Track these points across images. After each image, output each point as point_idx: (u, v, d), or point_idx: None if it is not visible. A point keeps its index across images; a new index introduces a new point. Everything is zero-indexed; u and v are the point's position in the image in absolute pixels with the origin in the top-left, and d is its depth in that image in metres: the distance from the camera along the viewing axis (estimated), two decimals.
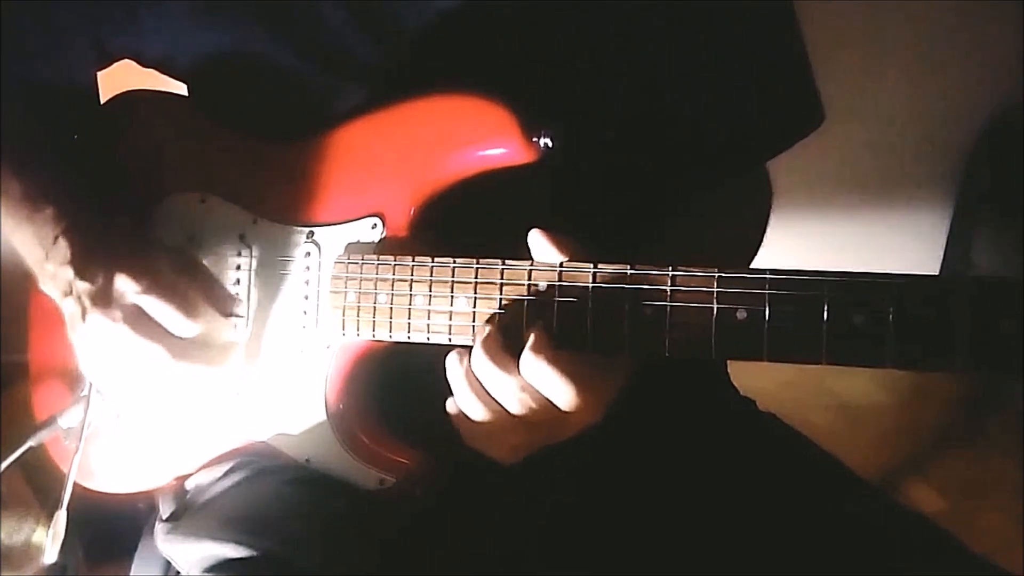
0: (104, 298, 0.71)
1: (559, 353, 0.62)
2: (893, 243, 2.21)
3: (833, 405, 2.00)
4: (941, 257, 2.21)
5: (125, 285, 0.71)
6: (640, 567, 0.75)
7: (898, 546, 0.71)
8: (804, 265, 0.58)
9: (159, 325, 0.71)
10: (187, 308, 0.72)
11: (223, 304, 0.76)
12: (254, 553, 0.70)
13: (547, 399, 0.63)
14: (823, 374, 2.07)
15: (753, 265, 0.64)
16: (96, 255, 0.73)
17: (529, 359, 0.62)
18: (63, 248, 0.73)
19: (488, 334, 0.64)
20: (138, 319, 0.71)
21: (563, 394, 0.63)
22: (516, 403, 0.64)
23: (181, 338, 0.72)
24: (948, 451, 1.90)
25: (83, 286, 0.72)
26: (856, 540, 0.72)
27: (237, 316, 0.77)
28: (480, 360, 0.64)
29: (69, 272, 0.73)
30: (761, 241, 0.87)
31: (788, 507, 0.75)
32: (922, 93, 2.06)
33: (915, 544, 0.72)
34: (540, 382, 0.63)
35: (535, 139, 0.67)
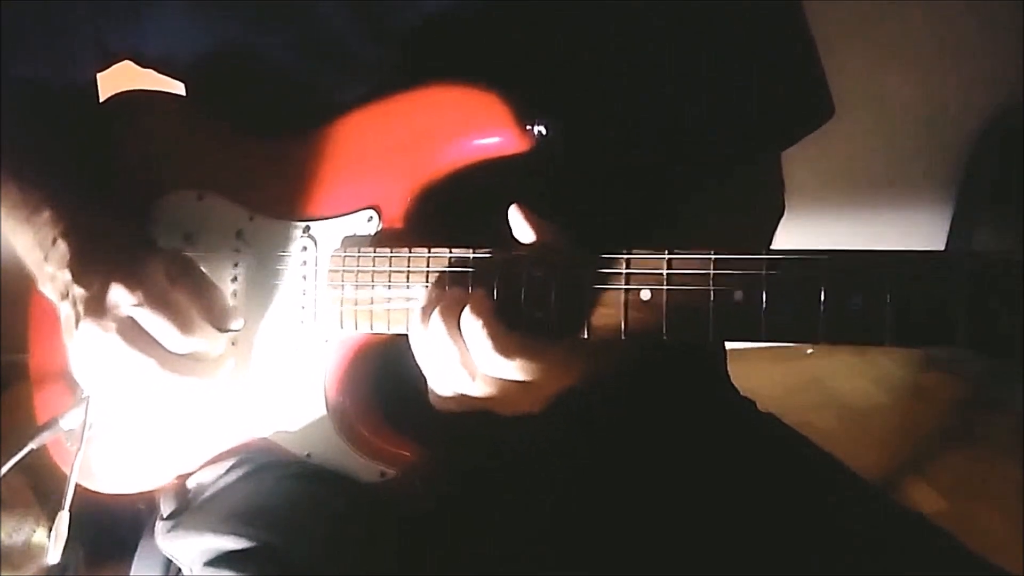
0: (97, 306, 0.70)
1: (502, 328, 0.62)
2: (893, 242, 2.21)
3: (833, 405, 2.00)
4: None
5: (119, 295, 0.70)
6: (640, 567, 0.75)
7: (898, 546, 0.71)
8: None
9: (151, 338, 0.70)
10: (181, 323, 0.70)
11: (219, 319, 0.74)
12: (255, 545, 0.70)
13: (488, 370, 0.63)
14: (823, 375, 2.07)
15: None
16: (94, 258, 0.73)
17: (467, 317, 0.62)
18: (62, 250, 0.73)
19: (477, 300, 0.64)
20: (130, 331, 0.69)
21: (495, 361, 0.62)
22: (454, 363, 0.64)
23: (173, 352, 0.71)
24: (948, 451, 1.91)
25: (79, 292, 0.71)
26: (856, 540, 0.72)
27: (233, 331, 0.75)
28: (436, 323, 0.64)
29: (67, 275, 0.72)
30: (773, 232, 0.86)
31: (788, 507, 0.75)
32: (923, 93, 2.06)
33: (915, 544, 0.72)
34: (475, 344, 0.62)
35: (529, 127, 0.67)
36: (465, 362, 0.63)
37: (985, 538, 0.75)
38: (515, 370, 0.63)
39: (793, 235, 0.90)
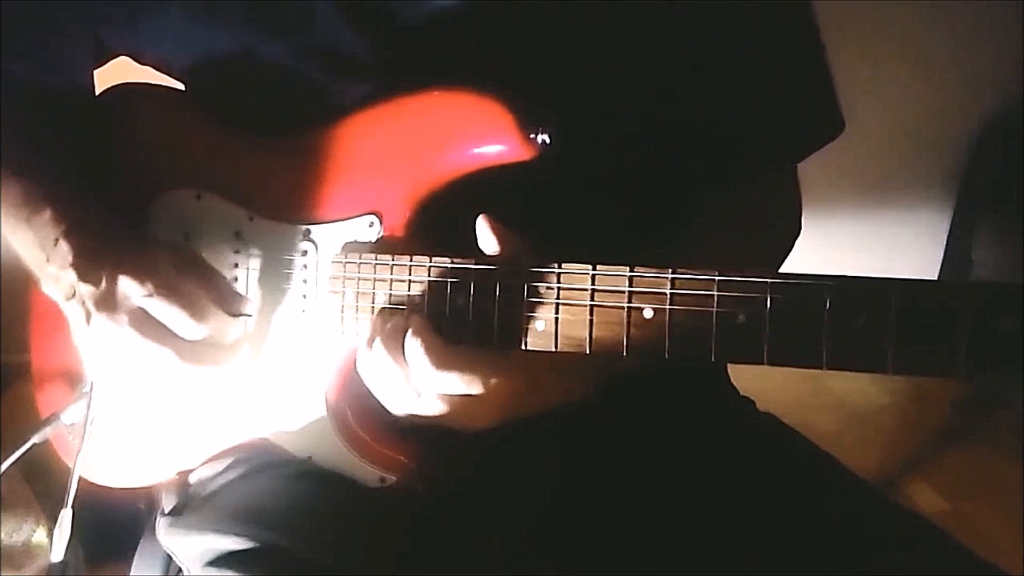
0: (108, 301, 0.70)
1: (440, 343, 0.64)
2: (893, 242, 2.21)
3: (832, 405, 2.00)
4: (941, 256, 2.21)
5: (129, 288, 0.70)
6: (639, 566, 0.75)
7: (897, 546, 0.71)
8: (805, 264, 0.57)
9: (165, 328, 0.71)
10: (193, 310, 0.71)
11: (230, 304, 0.75)
12: (256, 545, 0.71)
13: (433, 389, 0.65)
14: (823, 375, 2.07)
15: None
16: (98, 256, 0.73)
17: (409, 340, 0.64)
18: (64, 250, 0.73)
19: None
20: (144, 322, 0.70)
21: (434, 375, 0.63)
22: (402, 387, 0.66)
23: (188, 340, 0.72)
24: (948, 451, 1.90)
25: (86, 289, 0.71)
26: (854, 540, 0.72)
27: (245, 315, 0.76)
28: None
29: (72, 275, 0.72)
30: (786, 253, 0.85)
31: (787, 507, 0.75)
32: (922, 93, 2.06)
33: (915, 544, 0.72)
34: (415, 361, 0.64)
35: (533, 136, 0.66)
36: (410, 381, 0.65)
37: (985, 538, 0.76)
38: (455, 382, 0.63)
39: None
